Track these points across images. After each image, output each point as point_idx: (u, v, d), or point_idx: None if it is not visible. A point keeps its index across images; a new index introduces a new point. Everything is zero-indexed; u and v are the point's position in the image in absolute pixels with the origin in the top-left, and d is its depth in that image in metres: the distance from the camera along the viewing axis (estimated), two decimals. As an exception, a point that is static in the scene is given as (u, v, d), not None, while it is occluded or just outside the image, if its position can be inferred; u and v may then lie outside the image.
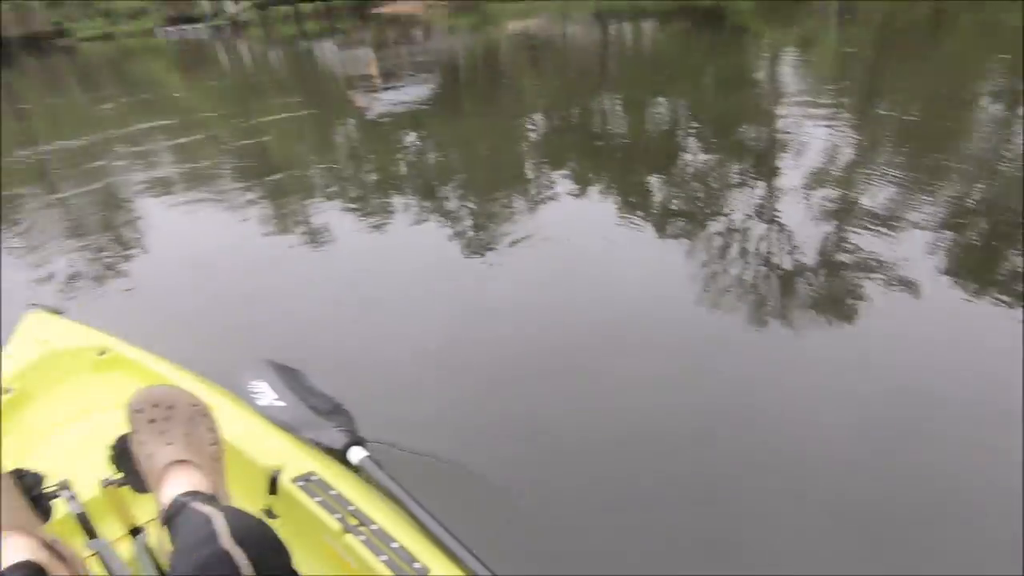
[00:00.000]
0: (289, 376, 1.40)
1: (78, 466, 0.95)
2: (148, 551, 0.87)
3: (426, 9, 19.65)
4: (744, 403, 1.71)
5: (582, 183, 3.90)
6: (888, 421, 1.59)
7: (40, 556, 0.68)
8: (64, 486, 0.87)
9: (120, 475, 0.85)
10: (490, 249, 2.95)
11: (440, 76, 8.97)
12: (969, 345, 1.88)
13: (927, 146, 4.02)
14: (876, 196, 3.13)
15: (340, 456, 1.14)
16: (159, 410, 0.83)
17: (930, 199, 3.07)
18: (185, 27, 25.46)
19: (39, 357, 1.39)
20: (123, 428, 0.87)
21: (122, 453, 0.84)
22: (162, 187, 4.42)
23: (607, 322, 2.19)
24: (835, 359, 1.87)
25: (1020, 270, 2.31)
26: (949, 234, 2.66)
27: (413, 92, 7.63)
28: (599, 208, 3.48)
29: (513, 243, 2.99)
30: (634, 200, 3.58)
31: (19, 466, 0.83)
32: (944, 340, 1.94)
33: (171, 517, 0.70)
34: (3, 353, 1.45)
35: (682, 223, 3.14)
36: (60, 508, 0.86)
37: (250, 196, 4.07)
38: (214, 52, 17.51)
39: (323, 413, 1.25)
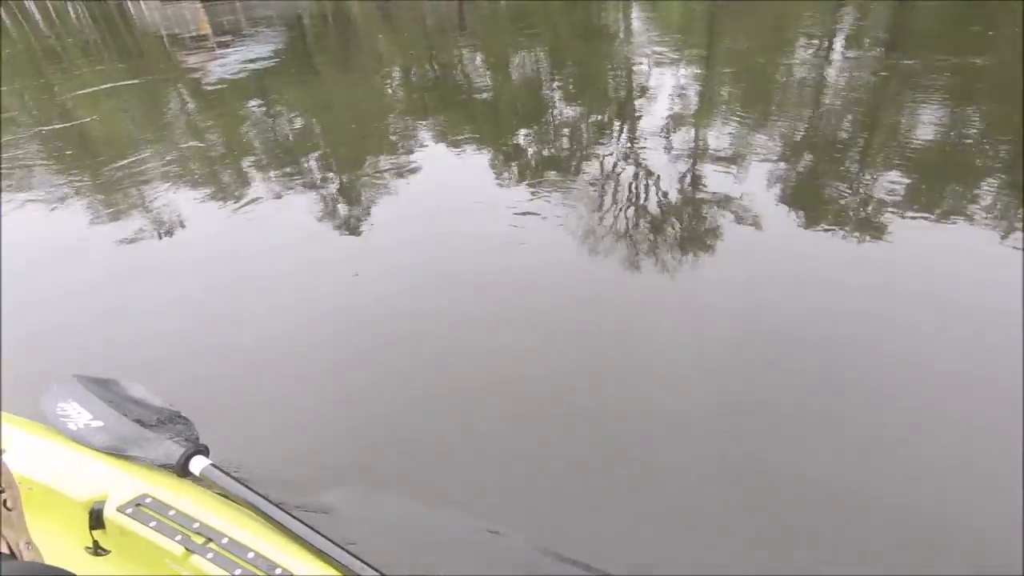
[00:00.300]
0: (104, 389, 1.23)
1: None
2: None
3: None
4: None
5: (450, 141, 3.84)
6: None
7: None
8: None
9: None
10: (357, 221, 2.88)
11: (284, 32, 8.14)
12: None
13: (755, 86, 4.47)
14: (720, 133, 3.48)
15: (179, 470, 1.03)
16: None
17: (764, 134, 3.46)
18: None
19: None
20: None
21: None
22: None
23: (483, 280, 2.27)
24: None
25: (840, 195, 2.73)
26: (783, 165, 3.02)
27: (254, 51, 6.85)
28: (470, 165, 3.47)
29: (382, 210, 2.93)
30: (504, 153, 3.60)
31: None
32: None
33: None
34: None
35: (551, 172, 3.23)
36: None
37: (71, 189, 3.51)
38: None
39: (153, 425, 1.13)
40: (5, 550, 0.68)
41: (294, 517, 0.90)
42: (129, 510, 0.91)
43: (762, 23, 6.64)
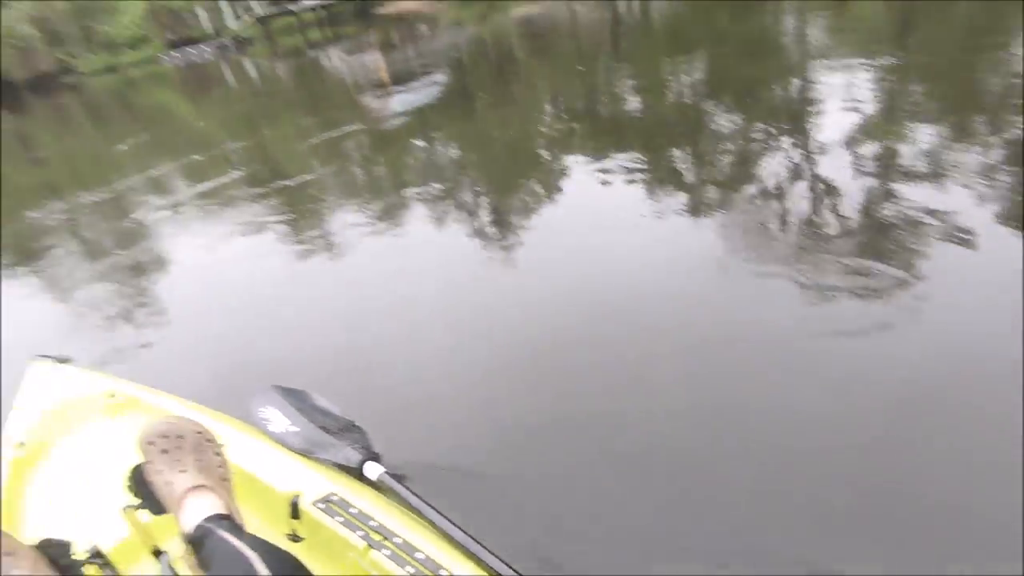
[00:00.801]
0: (297, 399, 1.40)
1: (101, 516, 1.01)
2: (173, 571, 0.89)
3: (430, 4, 19.32)
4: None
5: (607, 167, 3.64)
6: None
7: None
8: (96, 553, 0.91)
9: (138, 501, 0.90)
10: (513, 245, 2.95)
11: (450, 73, 8.73)
12: None
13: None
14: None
15: (357, 473, 1.16)
16: (169, 440, 0.89)
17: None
18: (189, 49, 24.97)
19: (50, 408, 1.40)
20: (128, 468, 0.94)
21: (139, 482, 0.90)
22: (182, 228, 4.36)
23: (647, 314, 2.11)
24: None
25: None
26: None
27: (424, 93, 7.39)
28: (629, 191, 3.29)
29: (539, 238, 2.97)
30: (666, 178, 3.39)
31: (42, 524, 0.91)
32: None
33: (198, 541, 0.77)
34: (13, 408, 1.44)
35: (719, 197, 3.03)
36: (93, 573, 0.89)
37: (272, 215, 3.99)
38: (220, 73, 17.41)
39: (335, 432, 1.26)
40: (228, 512, 0.84)
41: (456, 525, 0.98)
42: (321, 505, 1.03)
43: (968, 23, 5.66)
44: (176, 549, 0.87)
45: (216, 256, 3.58)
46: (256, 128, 7.90)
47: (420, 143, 5.48)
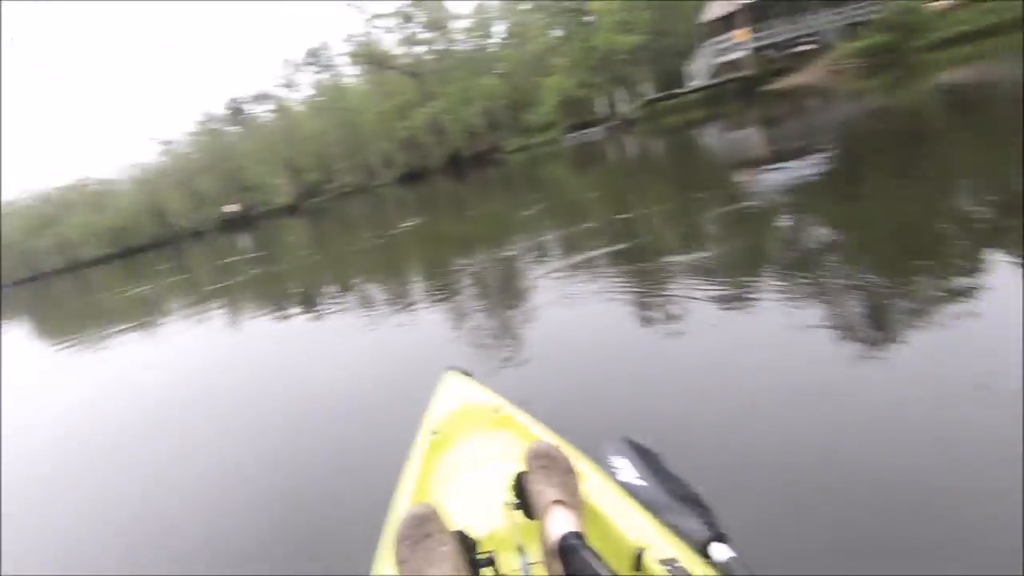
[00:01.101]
0: (648, 457, 1.42)
1: (484, 503, 1.24)
2: (528, 571, 0.97)
3: (829, 76, 17.92)
4: None
5: None
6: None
7: None
8: (491, 560, 1.02)
9: (516, 501, 1.10)
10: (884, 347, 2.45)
11: (837, 149, 7.63)
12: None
13: None
14: None
15: (700, 548, 1.11)
16: (547, 460, 1.09)
17: None
18: (586, 131, 29.80)
19: (456, 409, 1.71)
20: (512, 473, 1.16)
21: (519, 486, 1.10)
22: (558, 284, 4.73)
23: None
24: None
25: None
26: None
27: (802, 170, 6.56)
28: None
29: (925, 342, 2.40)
30: None
31: (442, 497, 1.19)
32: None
33: (566, 553, 0.90)
34: (432, 403, 1.81)
35: None
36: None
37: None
38: (605, 150, 19.76)
39: (683, 500, 1.25)
40: (582, 532, 0.96)
41: None
42: (668, 567, 1.01)
43: None
44: (535, 552, 1.04)
45: (573, 312, 3.95)
46: (626, 202, 8.33)
47: (789, 223, 4.89)
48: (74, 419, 4.76)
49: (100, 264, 53.10)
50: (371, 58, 42.64)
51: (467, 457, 1.54)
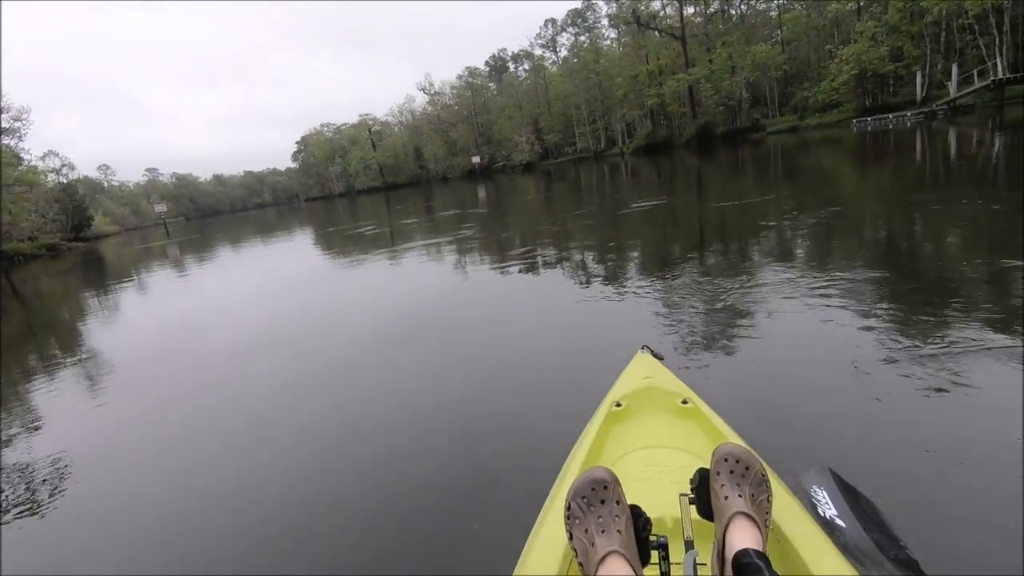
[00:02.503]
0: (853, 497, 1.31)
1: (649, 488, 1.22)
2: (694, 570, 0.90)
3: None
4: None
5: None
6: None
7: None
8: (663, 545, 0.96)
9: (692, 495, 1.03)
10: None
11: None
12: None
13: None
14: None
15: None
16: (739, 466, 0.99)
17: None
18: (884, 116, 23.10)
19: (641, 388, 1.69)
20: (692, 465, 1.18)
21: (702, 482, 1.02)
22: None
23: None
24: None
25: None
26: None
27: None
28: None
29: None
30: None
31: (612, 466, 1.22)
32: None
33: (744, 567, 0.83)
34: (620, 377, 1.82)
35: None
36: (653, 558, 0.96)
37: None
38: (906, 141, 14.98)
39: (896, 562, 1.12)
40: (764, 552, 0.88)
41: None
42: None
43: None
44: (704, 552, 1.01)
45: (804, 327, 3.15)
46: (916, 212, 5.81)
47: None
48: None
49: (368, 193, 61.90)
50: (634, 17, 40.14)
51: (645, 436, 1.49)
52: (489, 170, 56.99)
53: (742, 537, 0.89)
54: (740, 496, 0.95)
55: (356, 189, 74.09)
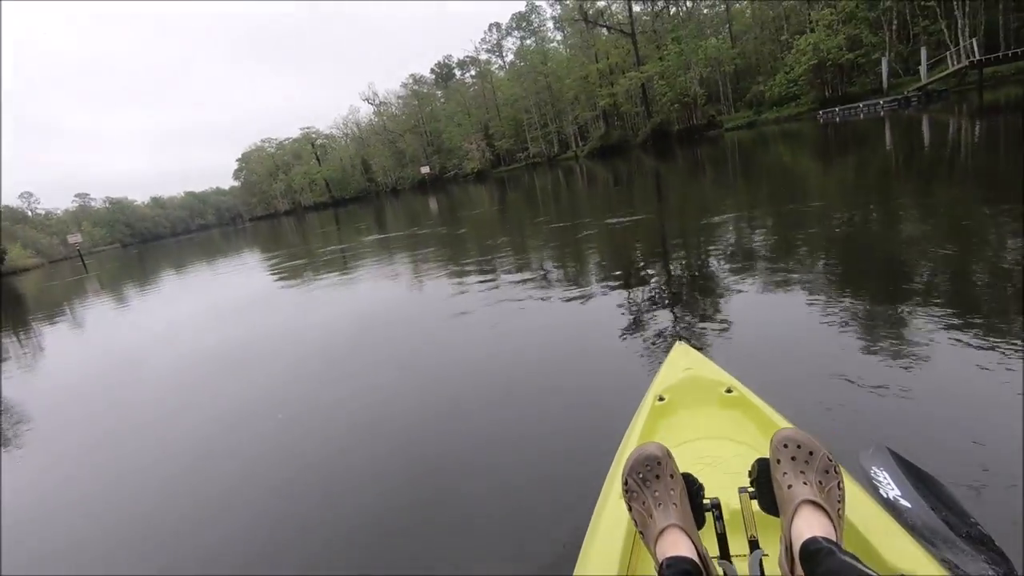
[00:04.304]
0: (918, 478, 1.25)
1: (708, 482, 1.02)
2: (761, 570, 0.86)
3: None
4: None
5: None
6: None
7: (694, 557, 0.83)
8: (716, 505, 0.94)
9: (752, 489, 0.94)
10: None
11: None
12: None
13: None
14: None
15: None
16: (801, 451, 0.90)
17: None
18: (848, 107, 21.69)
19: (683, 380, 1.62)
20: (744, 455, 1.17)
21: (761, 474, 0.93)
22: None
23: None
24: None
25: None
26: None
27: None
28: None
29: None
30: None
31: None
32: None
33: (812, 555, 0.76)
34: (660, 370, 1.75)
35: None
36: (707, 519, 0.94)
37: None
38: (872, 130, 13.40)
39: (968, 539, 1.06)
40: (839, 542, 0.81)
41: None
42: None
43: None
44: (770, 549, 0.92)
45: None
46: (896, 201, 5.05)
47: None
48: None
49: (316, 210, 58.65)
50: (582, 14, 38.54)
51: (692, 428, 1.44)
52: (440, 180, 54.62)
53: (810, 527, 0.81)
54: (806, 484, 0.87)
55: (303, 206, 70.39)
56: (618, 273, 4.74)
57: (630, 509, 0.94)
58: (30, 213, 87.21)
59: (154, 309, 9.50)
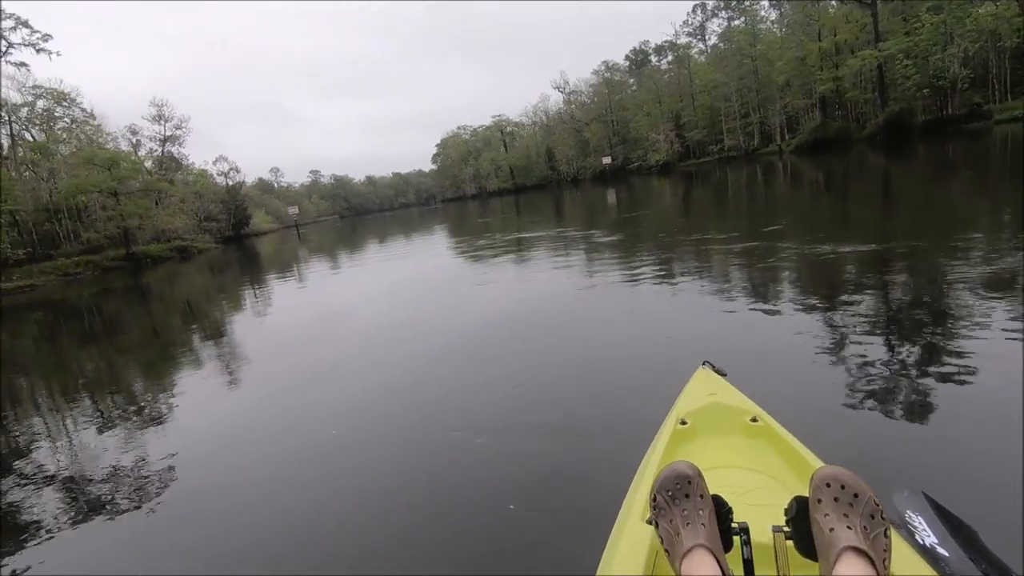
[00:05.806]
0: (954, 526, 1.20)
1: (744, 515, 1.00)
2: None
3: None
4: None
5: None
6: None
7: None
8: (744, 529, 0.91)
9: (788, 528, 0.88)
10: None
11: None
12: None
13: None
14: None
15: None
16: (846, 492, 0.84)
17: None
18: None
19: (706, 405, 1.58)
20: (769, 487, 1.15)
21: (799, 513, 0.87)
22: None
23: None
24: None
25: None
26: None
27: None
28: None
29: None
30: None
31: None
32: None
33: None
34: (682, 393, 1.72)
35: None
36: (735, 544, 0.92)
37: None
38: None
39: None
40: None
41: None
42: None
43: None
44: None
45: None
46: None
47: None
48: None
49: (499, 196, 60.59)
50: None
51: (714, 456, 1.38)
52: (622, 171, 52.26)
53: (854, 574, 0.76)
54: (849, 528, 0.80)
55: (487, 191, 73.36)
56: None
57: (657, 526, 0.93)
58: (276, 185, 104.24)
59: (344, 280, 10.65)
